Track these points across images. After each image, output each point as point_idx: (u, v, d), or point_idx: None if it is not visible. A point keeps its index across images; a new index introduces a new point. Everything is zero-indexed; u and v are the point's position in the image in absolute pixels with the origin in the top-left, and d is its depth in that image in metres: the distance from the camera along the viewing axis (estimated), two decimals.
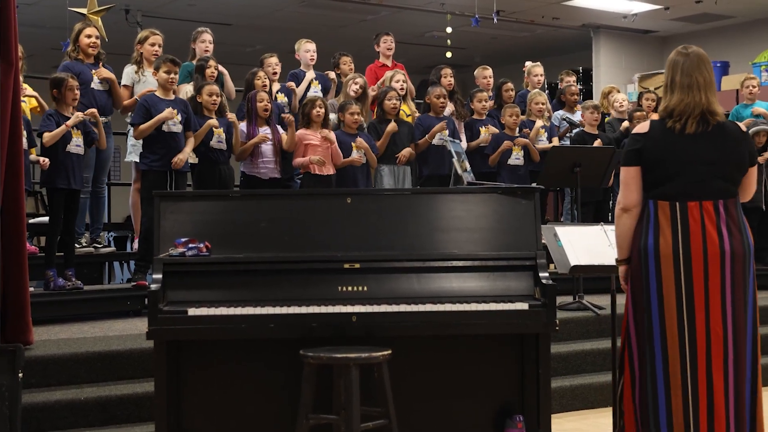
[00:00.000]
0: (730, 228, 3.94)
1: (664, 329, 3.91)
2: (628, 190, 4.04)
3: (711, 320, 3.88)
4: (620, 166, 4.10)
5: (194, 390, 4.37)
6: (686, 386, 3.89)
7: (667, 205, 3.95)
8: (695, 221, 3.91)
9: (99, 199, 7.76)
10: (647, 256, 3.95)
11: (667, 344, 3.91)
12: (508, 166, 8.49)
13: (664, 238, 3.93)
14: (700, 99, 3.96)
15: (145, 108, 6.85)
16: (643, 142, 4.00)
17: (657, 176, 3.98)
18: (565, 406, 5.77)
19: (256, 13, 13.81)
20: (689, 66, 4.00)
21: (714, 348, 3.88)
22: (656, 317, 3.93)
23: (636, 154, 4.01)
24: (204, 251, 4.31)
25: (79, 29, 7.43)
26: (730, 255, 3.91)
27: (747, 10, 13.98)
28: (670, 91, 4.00)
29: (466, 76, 12.19)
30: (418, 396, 4.46)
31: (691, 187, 3.94)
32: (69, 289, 6.54)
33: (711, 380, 3.88)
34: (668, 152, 3.96)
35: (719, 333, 3.88)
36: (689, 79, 3.97)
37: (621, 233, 4.08)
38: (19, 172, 5.00)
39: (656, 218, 3.96)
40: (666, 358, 3.91)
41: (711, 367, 3.88)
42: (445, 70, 8.87)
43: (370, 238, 4.46)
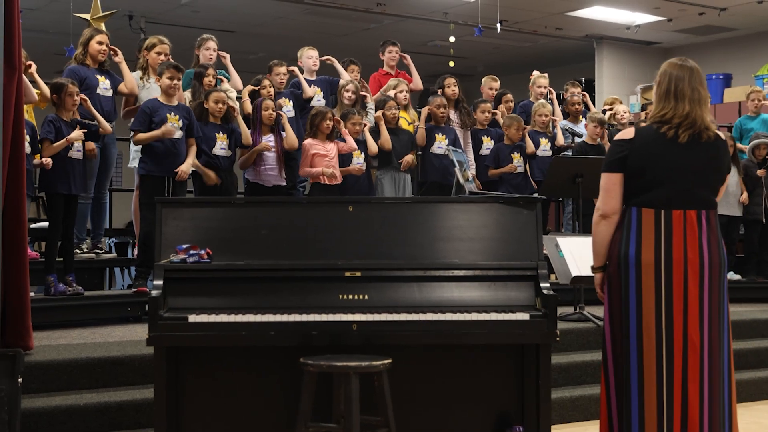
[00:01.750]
0: (710, 239, 3.94)
1: (641, 338, 3.90)
2: (609, 197, 4.03)
3: (689, 329, 3.88)
4: (602, 172, 4.07)
5: (194, 397, 4.37)
6: (661, 395, 3.88)
7: (651, 212, 3.94)
8: (678, 231, 3.91)
9: (101, 205, 7.76)
10: (628, 264, 3.93)
11: (644, 353, 3.90)
12: (510, 176, 8.51)
13: (646, 246, 3.91)
14: (701, 114, 3.97)
15: (146, 114, 6.86)
16: (628, 149, 3.99)
17: (642, 183, 3.96)
18: (565, 417, 5.76)
19: (259, 20, 13.84)
20: (696, 81, 4.00)
21: (690, 358, 3.87)
22: (634, 326, 3.92)
23: (620, 161, 3.99)
24: (205, 258, 4.31)
25: (91, 35, 7.44)
26: (708, 265, 3.91)
27: (750, 22, 14.00)
28: (675, 99, 3.96)
29: (468, 85, 12.20)
30: (417, 405, 4.45)
31: (677, 196, 3.94)
32: (69, 294, 6.54)
33: (686, 390, 3.87)
34: (655, 159, 3.95)
35: (696, 343, 3.87)
36: (698, 94, 3.97)
37: (599, 240, 4.08)
38: (20, 177, 5.00)
39: (639, 226, 3.94)
40: (641, 366, 3.90)
41: (687, 377, 3.87)
42: (449, 80, 8.88)
43: (372, 246, 4.45)
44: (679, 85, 3.98)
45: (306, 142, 7.58)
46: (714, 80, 14.23)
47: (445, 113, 8.43)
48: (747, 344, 7.03)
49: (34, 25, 13.04)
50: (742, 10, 13.22)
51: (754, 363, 6.87)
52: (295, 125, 8.07)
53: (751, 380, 6.60)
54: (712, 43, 15.12)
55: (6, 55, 4.75)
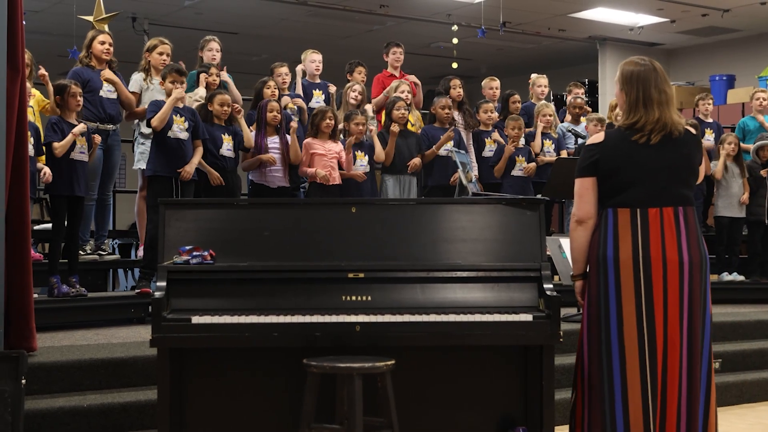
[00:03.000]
0: (689, 237, 3.93)
1: (622, 338, 3.90)
2: (583, 202, 4.03)
3: (669, 328, 3.87)
4: (575, 177, 4.08)
5: (197, 398, 4.37)
6: (645, 396, 3.88)
7: (627, 212, 3.94)
8: (655, 228, 3.90)
9: (105, 207, 7.77)
10: (606, 264, 3.93)
11: (626, 352, 3.89)
12: (511, 177, 8.51)
13: (624, 245, 3.91)
14: (670, 114, 3.97)
15: (156, 105, 6.88)
16: (599, 153, 3.99)
17: (615, 184, 3.96)
18: (568, 418, 5.74)
19: (262, 22, 13.85)
20: (660, 80, 4.00)
21: (670, 357, 3.87)
22: (614, 326, 3.91)
23: (592, 165, 4.00)
24: (208, 259, 4.31)
25: (93, 36, 7.47)
26: (688, 264, 3.90)
27: (753, 23, 14.00)
28: (644, 107, 3.95)
29: (472, 87, 12.21)
30: (421, 406, 4.45)
31: (651, 194, 3.94)
32: (73, 295, 6.54)
33: (665, 389, 3.87)
34: (628, 160, 3.95)
35: (676, 342, 3.87)
36: (665, 96, 3.97)
37: (577, 246, 4.08)
38: (24, 179, 5.00)
39: (615, 226, 3.94)
40: (624, 366, 3.90)
41: (666, 376, 3.87)
42: (454, 81, 8.88)
43: (375, 247, 4.45)
44: (647, 92, 3.96)
45: (306, 141, 7.58)
46: (717, 81, 14.21)
47: (449, 114, 8.42)
48: (751, 345, 7.02)
49: (38, 27, 13.06)
50: (745, 11, 13.22)
51: (758, 364, 6.86)
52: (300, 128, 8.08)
53: (755, 381, 6.59)
54: (715, 44, 15.11)
55: (9, 57, 4.75)
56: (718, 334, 6.88)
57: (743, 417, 6.02)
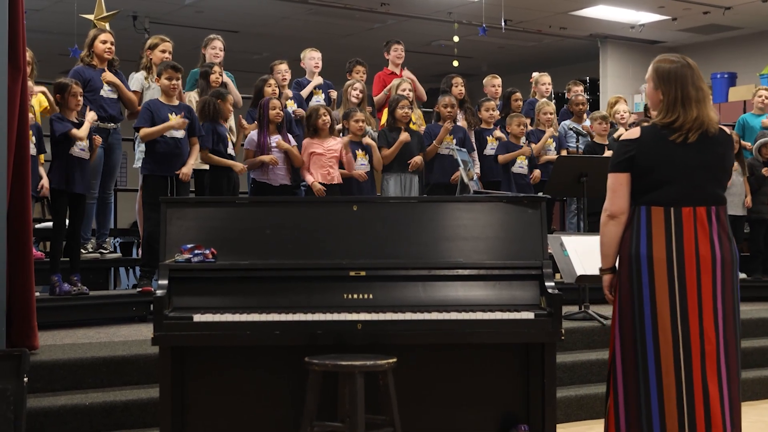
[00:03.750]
0: (721, 235, 3.92)
1: (657, 336, 3.88)
2: (617, 197, 4.00)
3: (704, 326, 3.86)
4: (609, 172, 4.05)
5: (199, 396, 4.37)
6: (680, 393, 3.86)
7: (661, 210, 3.92)
8: (689, 227, 3.89)
9: (106, 205, 7.77)
10: (639, 262, 3.91)
11: (660, 351, 3.87)
12: (513, 175, 8.50)
13: (657, 244, 3.89)
14: (707, 112, 3.95)
15: (150, 112, 6.88)
16: (635, 149, 3.97)
17: (650, 182, 3.94)
18: (570, 416, 5.76)
19: (263, 20, 13.84)
20: (696, 78, 3.98)
21: (708, 354, 3.86)
22: (649, 324, 3.89)
23: (627, 161, 3.97)
24: (210, 257, 4.31)
25: (95, 35, 7.46)
26: (720, 262, 3.89)
27: (755, 21, 13.99)
28: (682, 106, 3.91)
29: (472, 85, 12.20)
30: (422, 404, 4.45)
31: (686, 193, 3.92)
32: (74, 294, 6.53)
33: (707, 387, 3.85)
34: (664, 157, 3.93)
35: (712, 339, 3.86)
36: (702, 93, 3.95)
37: (607, 241, 4.04)
38: (25, 177, 5.01)
39: (649, 224, 3.92)
40: (659, 364, 3.88)
41: (706, 374, 3.85)
42: (456, 79, 8.88)
43: (376, 245, 4.45)
44: (685, 90, 3.93)
45: (304, 141, 7.59)
46: (719, 79, 14.20)
47: (452, 113, 8.40)
48: (752, 343, 7.02)
49: (39, 25, 13.06)
50: (746, 9, 13.21)
51: (759, 362, 6.86)
52: (298, 127, 8.08)
53: (756, 379, 6.59)
54: (716, 42, 15.10)
55: (11, 55, 4.76)
56: None
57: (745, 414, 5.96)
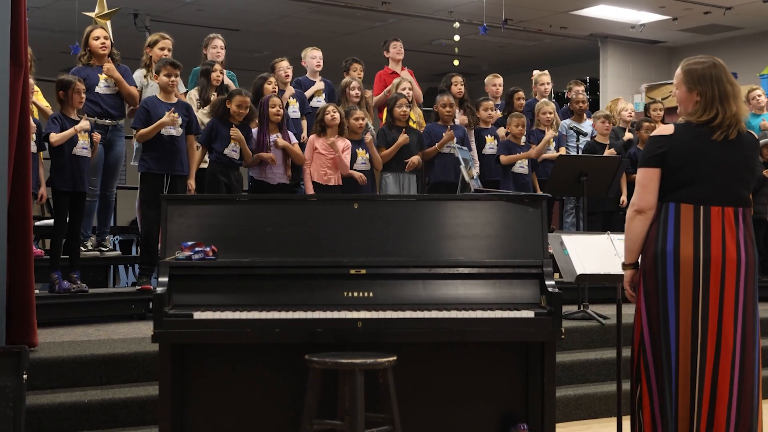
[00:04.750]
0: (746, 238, 3.94)
1: (678, 335, 3.89)
2: (646, 192, 3.99)
3: (723, 328, 3.86)
4: (639, 167, 4.04)
5: (198, 394, 4.37)
6: (693, 393, 3.87)
7: (690, 208, 3.91)
8: (717, 227, 3.89)
9: (108, 203, 7.76)
10: (665, 260, 3.90)
11: (680, 350, 3.88)
12: (513, 174, 8.50)
13: (685, 242, 3.88)
14: (743, 108, 4.00)
15: (146, 111, 6.89)
16: (668, 145, 3.95)
17: (681, 179, 3.94)
18: (569, 415, 5.76)
19: (264, 19, 13.83)
20: (729, 76, 4.00)
21: (723, 356, 3.86)
22: (673, 322, 3.89)
23: (659, 157, 3.95)
24: (210, 255, 4.31)
25: (88, 32, 7.46)
26: (744, 264, 3.90)
27: (755, 21, 13.98)
28: (720, 102, 3.93)
29: (473, 84, 12.19)
30: (422, 402, 4.45)
31: (716, 192, 3.92)
32: (74, 291, 6.53)
33: (715, 388, 3.86)
34: (695, 155, 3.92)
35: (729, 341, 3.86)
36: (736, 89, 3.98)
37: (633, 236, 4.02)
38: (26, 174, 5.01)
39: (677, 221, 3.91)
40: (678, 363, 3.88)
41: (717, 376, 3.86)
42: (456, 78, 8.87)
43: (376, 244, 4.45)
44: (722, 87, 3.95)
45: (310, 138, 7.60)
46: None
47: (451, 112, 8.40)
48: None
49: (41, 23, 13.04)
50: (747, 9, 13.20)
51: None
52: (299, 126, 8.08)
53: None
54: (717, 42, 15.09)
55: (12, 52, 4.76)
56: None
57: None
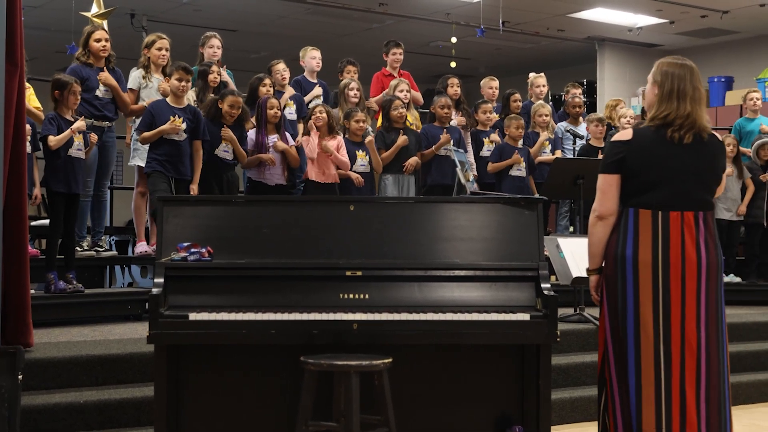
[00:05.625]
0: (707, 241, 3.95)
1: (638, 339, 3.91)
2: (606, 198, 4.03)
3: (686, 331, 3.88)
4: (599, 173, 4.08)
5: (194, 395, 4.36)
6: (659, 397, 3.88)
7: (649, 213, 3.94)
8: (676, 232, 3.91)
9: (101, 203, 7.77)
10: (625, 264, 3.94)
11: (641, 354, 3.90)
12: (509, 177, 8.50)
13: (643, 246, 3.92)
14: (701, 114, 3.98)
15: (151, 115, 6.93)
16: (626, 151, 3.99)
17: (639, 184, 3.97)
18: (564, 418, 5.76)
19: (261, 19, 13.84)
20: (696, 80, 4.01)
21: (688, 360, 3.88)
22: (632, 327, 3.92)
23: (618, 162, 4.00)
24: (206, 256, 4.30)
25: (89, 32, 7.45)
26: (705, 267, 3.91)
27: (752, 25, 14.01)
28: (677, 99, 3.95)
29: (470, 86, 12.20)
30: (417, 404, 4.45)
31: (675, 197, 3.94)
32: (70, 292, 6.53)
33: (684, 393, 3.87)
34: (654, 160, 3.95)
35: (693, 344, 3.88)
36: (699, 93, 3.98)
37: (594, 242, 4.08)
38: (21, 174, 5.01)
39: (636, 227, 3.95)
40: (639, 367, 3.90)
41: (684, 379, 3.87)
42: (452, 80, 8.88)
43: (373, 245, 4.45)
44: (681, 85, 3.97)
45: (303, 138, 7.59)
46: (716, 83, 14.21)
47: (449, 113, 8.41)
48: (747, 347, 7.03)
49: (36, 22, 13.04)
50: (744, 13, 13.22)
51: (753, 365, 6.87)
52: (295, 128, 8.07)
53: (750, 383, 6.60)
54: (713, 45, 15.12)
55: (8, 52, 4.75)
56: None
57: (739, 418, 6.02)
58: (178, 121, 6.86)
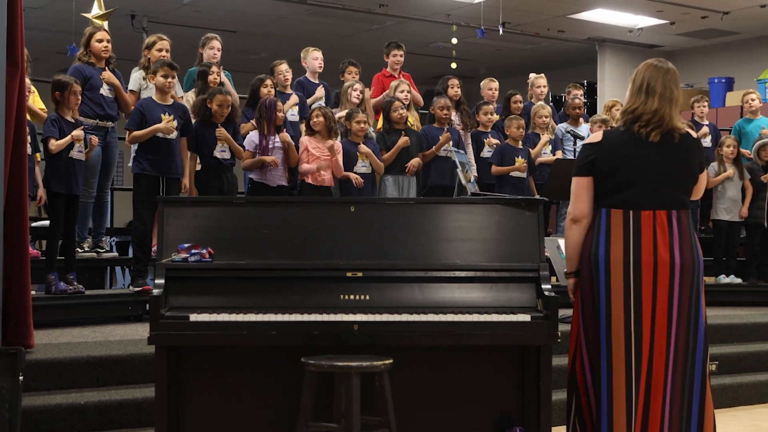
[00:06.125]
0: (681, 240, 3.94)
1: (610, 339, 3.92)
2: (579, 201, 4.08)
3: (656, 331, 3.89)
4: (572, 176, 4.12)
5: (195, 396, 4.37)
6: (630, 396, 3.89)
7: (620, 213, 3.96)
8: (647, 231, 3.92)
9: (102, 204, 7.76)
10: (597, 263, 3.96)
11: (613, 354, 3.92)
12: (510, 178, 8.49)
13: (615, 246, 3.93)
14: (670, 113, 3.97)
15: (141, 113, 6.87)
16: (596, 152, 4.03)
17: (611, 185, 3.99)
18: (564, 419, 5.73)
19: (262, 20, 13.84)
20: (670, 80, 4.01)
21: (656, 359, 3.89)
22: (604, 327, 3.94)
23: (589, 165, 4.04)
24: (206, 257, 4.31)
25: (90, 33, 7.45)
26: (679, 267, 3.91)
27: (753, 26, 14.01)
28: (645, 94, 3.98)
29: (470, 87, 12.20)
30: (418, 405, 4.45)
31: (646, 196, 3.95)
32: (70, 293, 6.53)
33: (649, 392, 3.88)
34: (624, 160, 3.97)
35: (662, 344, 3.89)
36: (669, 92, 3.98)
37: (570, 244, 4.12)
38: (22, 175, 5.00)
39: (608, 227, 3.97)
40: (611, 366, 3.92)
41: (651, 379, 3.88)
42: (452, 81, 8.87)
43: (373, 246, 4.45)
44: (651, 82, 4.00)
45: (302, 139, 7.57)
46: (716, 84, 14.22)
47: (448, 114, 8.41)
48: (747, 347, 7.03)
49: (37, 23, 13.04)
50: (744, 14, 13.23)
51: (754, 366, 6.86)
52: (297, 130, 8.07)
53: (751, 383, 6.59)
54: (714, 46, 15.12)
55: (9, 53, 4.75)
56: (715, 336, 6.89)
57: (739, 419, 6.03)
58: (169, 118, 6.84)
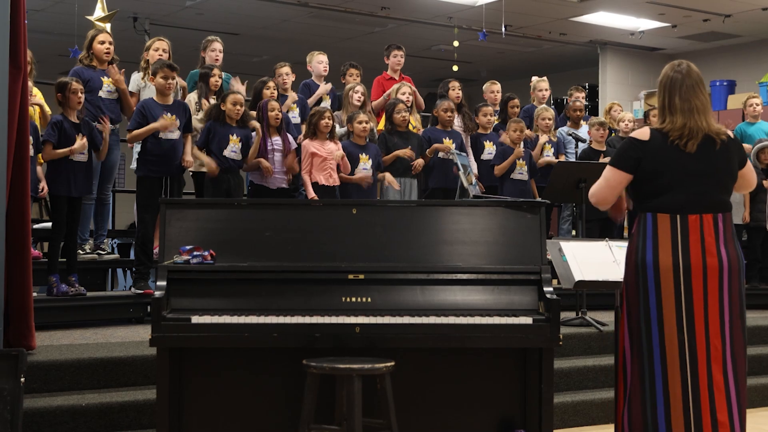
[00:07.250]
0: (727, 242, 3.94)
1: (663, 343, 3.90)
2: (609, 190, 4.05)
3: (710, 334, 3.88)
4: (611, 164, 4.05)
5: (196, 398, 4.37)
6: (687, 400, 3.88)
7: (667, 217, 3.93)
8: (695, 235, 3.90)
9: (104, 206, 7.76)
10: (646, 270, 3.92)
11: (667, 358, 3.89)
12: (511, 180, 8.49)
13: (663, 251, 3.90)
14: (702, 123, 3.95)
15: (142, 114, 6.86)
16: (644, 152, 3.97)
17: (654, 187, 3.96)
18: (566, 422, 5.75)
19: (264, 23, 13.84)
20: (686, 90, 3.98)
21: (714, 361, 3.88)
22: (656, 331, 3.91)
23: (634, 163, 3.98)
24: (208, 259, 4.31)
25: (93, 35, 7.45)
26: (727, 269, 3.91)
27: (754, 29, 14.00)
28: (669, 113, 3.98)
29: (472, 90, 12.21)
30: (420, 408, 4.45)
31: (692, 200, 3.93)
32: (72, 295, 6.53)
33: (713, 394, 3.87)
34: (669, 164, 3.94)
35: (718, 347, 3.88)
36: (688, 104, 3.96)
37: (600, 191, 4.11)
38: (24, 177, 5.01)
39: (655, 231, 3.93)
40: (665, 372, 3.90)
41: (712, 381, 3.87)
42: (453, 83, 8.87)
43: (375, 249, 4.46)
44: (671, 100, 3.98)
45: (304, 143, 7.56)
46: (718, 87, 14.21)
47: (451, 117, 8.40)
48: (749, 351, 6.92)
49: (39, 26, 13.05)
50: (746, 17, 13.22)
51: (756, 370, 6.86)
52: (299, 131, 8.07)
53: (753, 387, 6.59)
54: (716, 49, 15.11)
55: (12, 55, 4.76)
56: None
57: None
58: (172, 118, 6.83)
